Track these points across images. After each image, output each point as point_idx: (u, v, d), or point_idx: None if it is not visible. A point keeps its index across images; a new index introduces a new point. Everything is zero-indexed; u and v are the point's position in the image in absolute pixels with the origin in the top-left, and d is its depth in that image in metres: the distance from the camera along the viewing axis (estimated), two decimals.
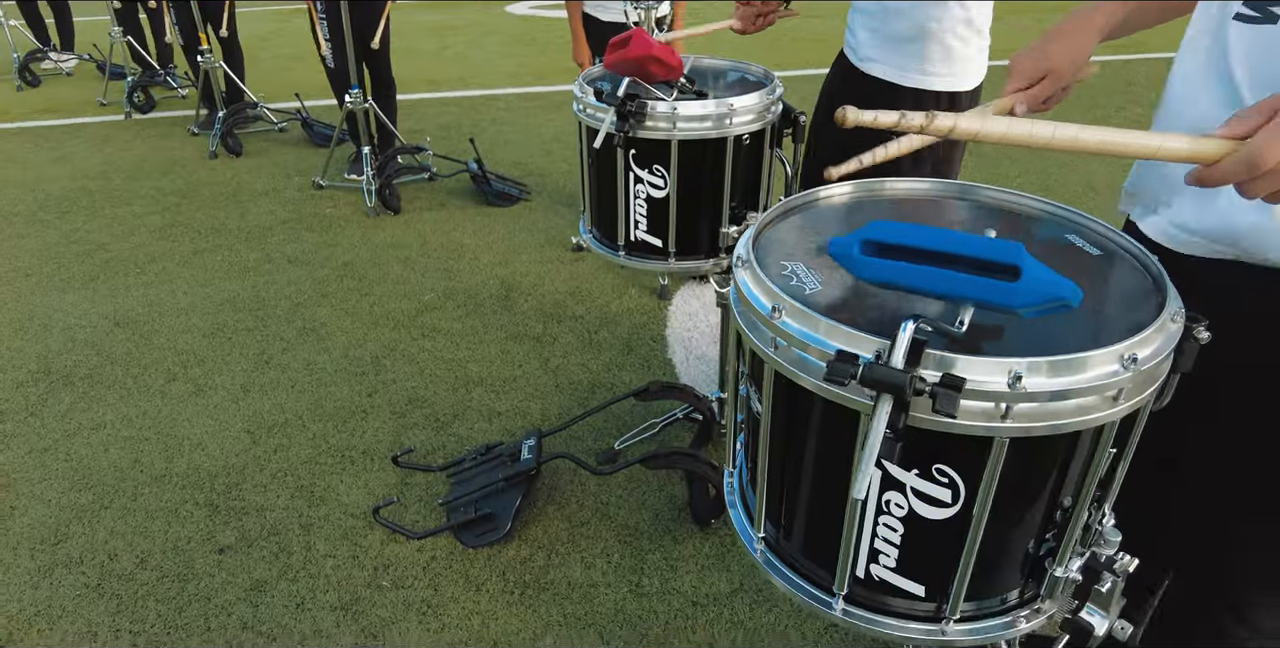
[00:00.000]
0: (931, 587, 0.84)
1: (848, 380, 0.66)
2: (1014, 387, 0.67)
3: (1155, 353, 0.72)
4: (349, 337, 2.81)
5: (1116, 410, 0.72)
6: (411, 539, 1.95)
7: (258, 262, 3.36)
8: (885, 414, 0.64)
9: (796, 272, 0.87)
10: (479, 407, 2.44)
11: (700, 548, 1.92)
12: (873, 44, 1.68)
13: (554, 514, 2.02)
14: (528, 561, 1.89)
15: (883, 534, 0.81)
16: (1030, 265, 0.63)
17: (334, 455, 2.24)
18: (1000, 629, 0.86)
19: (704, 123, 1.61)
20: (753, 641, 1.69)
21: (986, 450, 0.72)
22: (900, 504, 0.79)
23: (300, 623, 1.75)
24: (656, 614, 1.75)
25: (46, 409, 2.47)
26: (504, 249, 3.45)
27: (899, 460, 0.76)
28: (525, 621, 1.74)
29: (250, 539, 1.97)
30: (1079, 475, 0.78)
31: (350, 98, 3.74)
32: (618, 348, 2.73)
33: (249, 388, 2.55)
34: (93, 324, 2.92)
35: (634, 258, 1.78)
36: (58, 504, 2.10)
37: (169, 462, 2.24)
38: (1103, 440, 0.75)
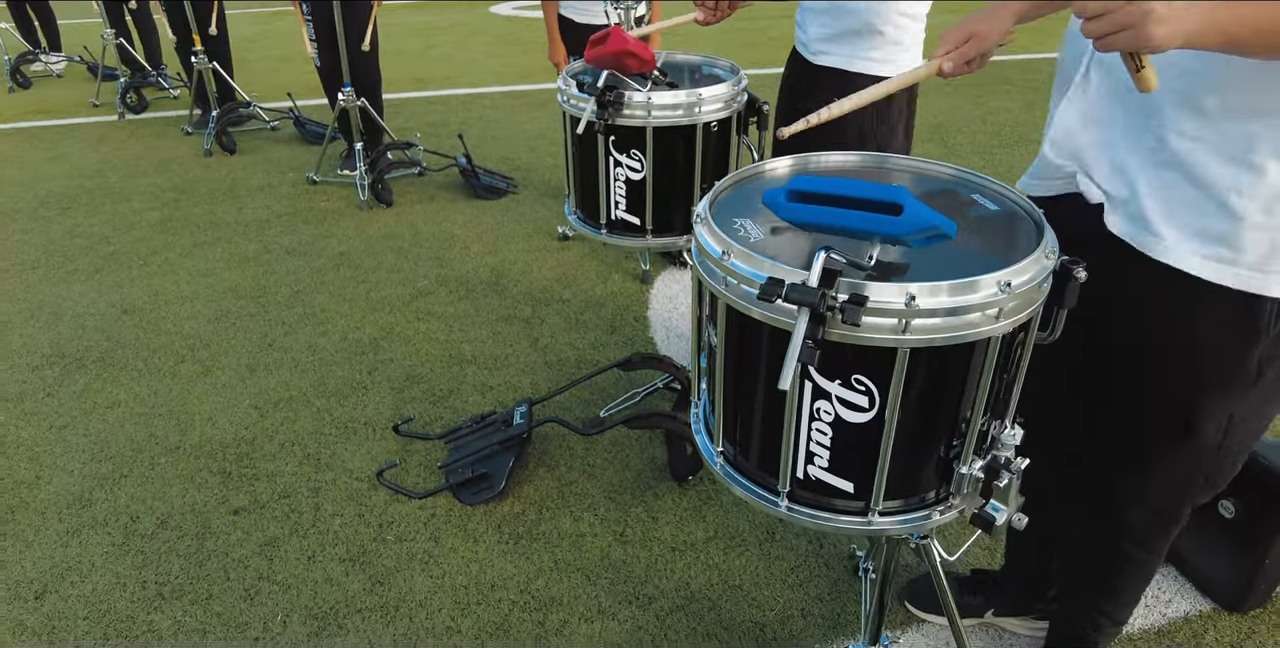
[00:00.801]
0: (859, 484, 1.01)
1: (775, 299, 0.83)
2: (910, 305, 0.85)
3: (1028, 280, 0.90)
4: (347, 321, 2.97)
5: (998, 327, 0.90)
6: (413, 499, 2.11)
7: (257, 253, 3.51)
8: (804, 324, 0.82)
9: (745, 225, 1.04)
10: (473, 382, 2.60)
11: (679, 502, 2.09)
12: (822, 39, 1.87)
13: (544, 475, 2.19)
14: (521, 515, 2.06)
15: (815, 438, 0.99)
16: (911, 204, 0.80)
17: (338, 427, 2.40)
18: (919, 521, 1.04)
19: (676, 111, 1.78)
20: (725, 580, 1.87)
21: (892, 360, 0.89)
22: (828, 411, 0.96)
23: (312, 573, 1.91)
24: (638, 559, 1.92)
25: (63, 390, 2.61)
26: (493, 239, 3.61)
27: (825, 372, 0.93)
28: (519, 566, 1.91)
29: (262, 502, 2.13)
30: (974, 385, 0.95)
31: (343, 96, 3.89)
32: (602, 328, 2.90)
33: (254, 368, 2.70)
34: (101, 312, 3.07)
35: (615, 235, 1.94)
36: (80, 474, 2.25)
37: (182, 435, 2.39)
38: (990, 353, 0.92)
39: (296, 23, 9.21)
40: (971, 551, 1.95)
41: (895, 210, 0.80)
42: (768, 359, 0.98)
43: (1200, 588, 1.84)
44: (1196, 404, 1.15)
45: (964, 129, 4.87)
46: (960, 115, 5.08)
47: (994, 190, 1.10)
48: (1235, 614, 1.78)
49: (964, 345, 0.90)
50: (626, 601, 1.82)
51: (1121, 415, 1.25)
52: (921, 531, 1.04)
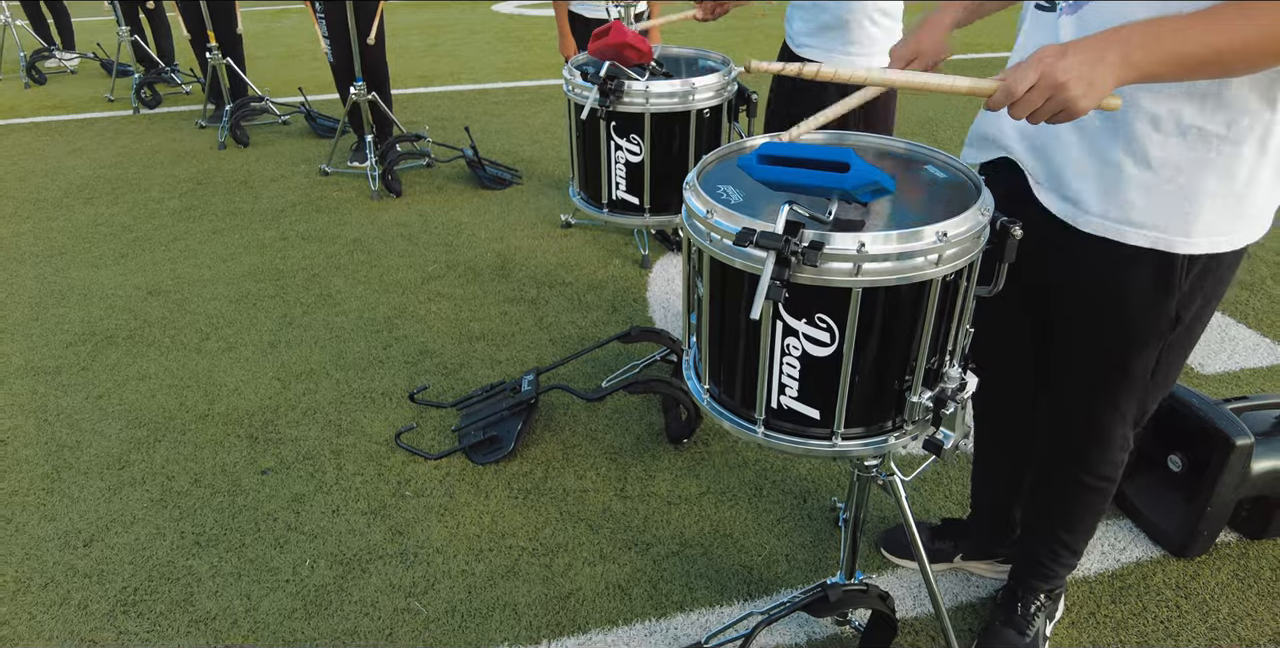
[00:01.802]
0: (824, 411, 1.17)
1: (747, 245, 1.00)
2: (861, 251, 1.01)
3: (964, 232, 1.06)
4: (362, 302, 3.14)
5: (938, 270, 1.06)
6: (428, 459, 2.28)
7: (273, 239, 3.67)
8: (771, 265, 0.98)
9: (727, 191, 1.21)
10: (482, 357, 2.77)
11: (674, 462, 2.26)
12: (805, 32, 2.04)
13: (550, 439, 2.36)
14: (529, 473, 2.22)
15: (786, 371, 1.15)
16: (857, 163, 0.97)
17: (357, 397, 2.57)
18: (878, 444, 1.20)
19: (672, 99, 1.95)
20: (716, 529, 2.03)
21: (848, 300, 1.06)
22: (796, 346, 1.13)
23: (336, 525, 2.08)
24: (637, 512, 2.09)
25: (97, 364, 2.78)
26: (499, 226, 3.77)
27: (792, 312, 1.10)
28: (528, 518, 2.08)
29: (288, 463, 2.30)
30: (920, 323, 1.12)
31: (354, 90, 4.06)
32: (603, 308, 3.07)
33: (275, 344, 2.87)
34: (128, 294, 3.23)
35: (615, 214, 2.11)
36: (118, 439, 2.42)
37: (210, 404, 2.56)
38: (932, 294, 1.09)
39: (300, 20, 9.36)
40: (941, 503, 2.12)
41: (843, 168, 0.96)
42: (745, 303, 1.14)
43: (1152, 537, 2.00)
44: (1129, 348, 1.31)
45: (953, 123, 5.03)
46: (950, 111, 5.25)
47: (942, 160, 1.27)
48: (1182, 560, 1.94)
49: (909, 287, 1.07)
50: (626, 547, 1.99)
51: (1068, 363, 1.41)
52: (881, 452, 1.20)
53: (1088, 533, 1.66)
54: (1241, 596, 1.85)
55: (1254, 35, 0.92)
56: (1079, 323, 1.34)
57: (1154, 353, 1.32)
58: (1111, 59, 0.93)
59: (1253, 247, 1.39)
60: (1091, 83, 0.93)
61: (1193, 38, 0.93)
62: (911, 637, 1.77)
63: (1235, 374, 2.65)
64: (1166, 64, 0.95)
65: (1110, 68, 0.93)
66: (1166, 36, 0.94)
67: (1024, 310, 1.40)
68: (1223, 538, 1.99)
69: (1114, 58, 0.93)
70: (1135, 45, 0.93)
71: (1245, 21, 0.92)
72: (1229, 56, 0.95)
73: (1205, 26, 0.93)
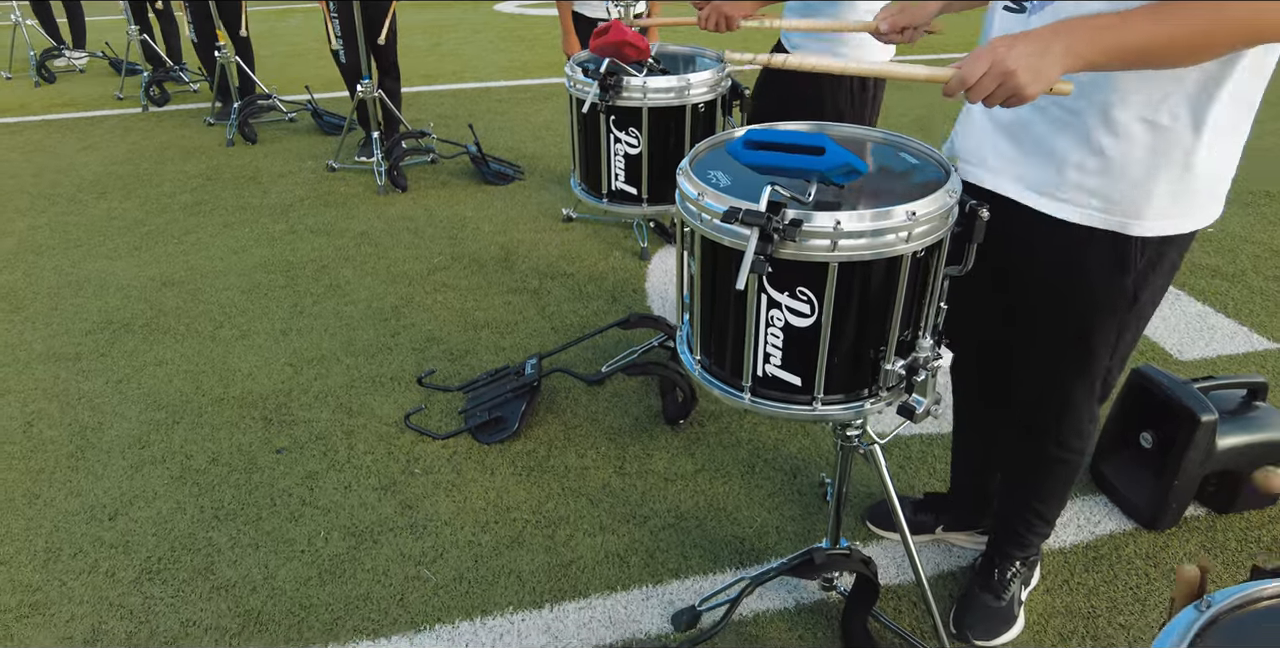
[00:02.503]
0: (805, 378, 1.28)
1: (734, 222, 1.10)
2: (837, 228, 1.12)
3: (931, 211, 1.17)
4: (370, 292, 3.24)
5: (908, 246, 1.16)
6: (436, 439, 2.38)
7: (283, 232, 3.78)
8: (755, 240, 1.08)
9: (717, 175, 1.31)
10: (487, 344, 2.87)
11: (671, 442, 2.36)
12: (798, 32, 2.14)
13: (552, 420, 2.46)
14: (532, 452, 2.33)
15: (770, 341, 1.25)
16: (831, 147, 1.07)
17: (366, 381, 2.67)
18: (855, 408, 1.31)
19: (668, 94, 2.05)
20: (710, 504, 2.14)
21: (826, 273, 1.16)
22: (779, 318, 1.23)
23: (349, 500, 2.19)
24: (635, 487, 2.19)
25: (115, 350, 2.88)
26: (502, 220, 3.88)
27: (775, 285, 1.20)
28: (531, 493, 2.18)
29: (301, 443, 2.40)
30: (892, 295, 1.22)
31: (361, 87, 4.16)
32: (604, 298, 3.17)
33: (287, 332, 2.97)
34: (143, 285, 3.34)
35: (614, 203, 2.21)
36: (138, 420, 2.52)
37: (225, 388, 2.66)
38: (903, 269, 1.19)
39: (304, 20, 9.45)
40: (926, 479, 2.22)
41: (819, 152, 1.06)
42: (734, 277, 1.24)
43: (1124, 511, 2.10)
44: (1090, 324, 1.41)
45: (947, 120, 5.12)
46: (943, 109, 5.34)
47: (915, 148, 1.37)
48: (1153, 532, 2.04)
49: (882, 261, 1.17)
50: (624, 520, 2.09)
51: (1034, 339, 1.52)
52: (858, 415, 1.31)
53: (1059, 503, 1.76)
54: None
55: (1183, 32, 1.03)
56: (1043, 301, 1.44)
57: (1113, 328, 1.42)
58: (1057, 49, 1.03)
59: (1206, 230, 1.48)
60: (1038, 71, 1.03)
61: (1131, 32, 1.03)
62: (894, 602, 1.87)
63: (1212, 361, 2.74)
64: (1107, 54, 1.05)
65: (1056, 57, 1.04)
66: (1108, 30, 1.04)
67: (995, 290, 1.50)
68: (1192, 512, 2.09)
69: (1059, 48, 1.03)
70: (1079, 37, 1.03)
71: (1178, 20, 1.02)
72: (1163, 50, 1.05)
73: (1143, 22, 1.03)
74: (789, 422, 2.42)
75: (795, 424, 2.41)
